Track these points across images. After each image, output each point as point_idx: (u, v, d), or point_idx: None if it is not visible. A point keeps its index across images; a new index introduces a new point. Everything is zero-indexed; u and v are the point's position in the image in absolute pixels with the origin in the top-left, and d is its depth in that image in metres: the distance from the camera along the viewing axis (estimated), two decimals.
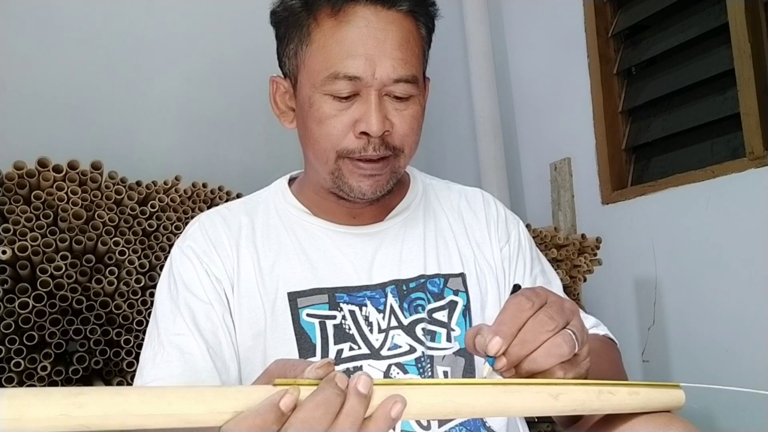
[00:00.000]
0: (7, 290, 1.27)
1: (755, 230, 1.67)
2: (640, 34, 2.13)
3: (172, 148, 1.92)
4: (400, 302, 0.85)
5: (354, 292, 0.84)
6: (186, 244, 0.85)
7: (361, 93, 0.78)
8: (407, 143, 0.82)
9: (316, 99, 0.79)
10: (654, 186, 1.95)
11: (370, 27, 0.77)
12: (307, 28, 0.80)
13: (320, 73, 0.79)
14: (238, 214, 0.88)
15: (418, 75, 0.81)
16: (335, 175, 0.81)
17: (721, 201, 1.75)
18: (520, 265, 0.93)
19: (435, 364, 0.83)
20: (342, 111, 0.79)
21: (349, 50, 0.77)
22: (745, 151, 1.70)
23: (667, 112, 2.00)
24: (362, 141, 0.79)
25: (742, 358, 1.67)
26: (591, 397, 0.56)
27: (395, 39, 0.78)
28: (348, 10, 0.77)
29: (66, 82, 1.83)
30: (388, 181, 0.83)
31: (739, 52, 1.71)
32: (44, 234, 1.31)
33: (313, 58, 0.80)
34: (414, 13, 0.81)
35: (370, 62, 0.77)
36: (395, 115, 0.80)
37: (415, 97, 0.82)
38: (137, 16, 1.97)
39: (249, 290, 0.82)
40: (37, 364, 1.24)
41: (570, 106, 2.25)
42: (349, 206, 0.87)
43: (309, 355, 0.80)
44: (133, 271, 1.38)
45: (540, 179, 2.37)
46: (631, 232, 2.01)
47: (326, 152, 0.80)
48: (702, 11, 1.89)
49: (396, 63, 0.78)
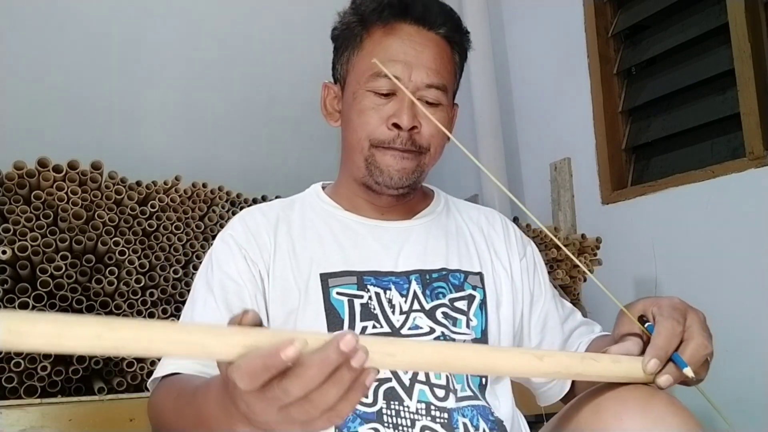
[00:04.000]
0: (7, 290, 1.27)
1: (755, 230, 1.67)
2: (640, 34, 2.13)
3: (172, 148, 1.92)
4: (423, 289, 0.92)
5: (380, 276, 0.92)
6: (227, 233, 0.94)
7: (398, 93, 0.91)
8: (433, 143, 0.94)
9: (359, 94, 0.93)
10: (654, 186, 1.95)
11: (412, 41, 0.92)
12: (360, 38, 0.95)
13: (366, 72, 0.92)
14: (275, 209, 0.98)
15: (448, 86, 0.95)
16: (368, 161, 0.93)
17: (721, 201, 1.75)
18: (537, 284, 1.02)
19: None
20: (380, 106, 0.92)
21: (392, 56, 0.91)
22: (745, 151, 1.70)
23: (667, 112, 2.00)
24: (393, 133, 0.91)
25: (742, 358, 1.67)
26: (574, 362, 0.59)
27: (431, 54, 0.93)
28: (395, 26, 0.93)
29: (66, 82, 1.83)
30: (413, 172, 0.93)
31: (739, 52, 1.71)
32: (44, 234, 1.31)
33: (361, 61, 0.94)
34: (450, 38, 0.96)
35: (407, 67, 0.91)
36: (424, 117, 0.92)
37: (444, 106, 0.94)
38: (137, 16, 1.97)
39: (284, 273, 0.90)
40: (37, 364, 1.24)
41: (570, 106, 2.25)
42: (377, 203, 0.97)
43: (337, 329, 0.87)
44: (133, 271, 1.37)
45: (540, 179, 2.37)
46: (631, 232, 2.01)
47: (361, 141, 0.92)
48: (702, 11, 1.89)
49: (430, 71, 0.92)
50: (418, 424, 0.84)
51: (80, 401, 1.21)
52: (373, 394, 0.85)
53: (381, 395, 0.85)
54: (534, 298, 1.00)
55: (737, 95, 1.72)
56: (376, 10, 0.93)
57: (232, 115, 2.07)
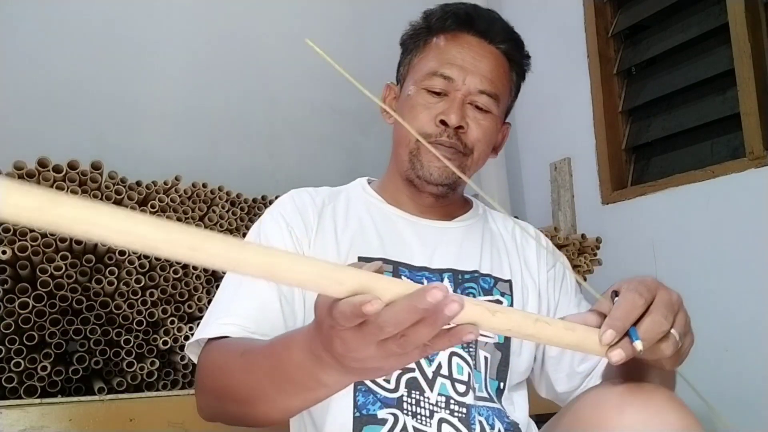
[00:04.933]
0: (7, 290, 1.27)
1: (755, 230, 1.67)
2: (640, 34, 2.13)
3: (172, 148, 1.92)
4: (455, 288, 0.94)
5: (415, 270, 0.94)
6: (276, 210, 0.98)
7: (450, 94, 0.96)
8: (477, 147, 0.97)
9: (413, 91, 0.98)
10: (654, 186, 1.95)
11: (471, 50, 0.98)
12: (423, 42, 1.01)
13: (423, 71, 0.98)
14: (323, 194, 1.02)
15: (501, 98, 0.99)
16: (413, 154, 0.97)
17: (721, 201, 1.75)
18: (564, 294, 1.04)
19: (478, 347, 0.93)
20: (431, 104, 0.96)
21: (450, 59, 0.97)
22: (745, 151, 1.70)
23: (667, 112, 2.00)
24: (440, 129, 0.95)
25: (741, 357, 1.67)
26: (527, 323, 0.58)
27: (489, 64, 0.98)
28: (458, 36, 0.99)
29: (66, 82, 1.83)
30: (453, 172, 0.95)
31: (739, 52, 1.71)
32: (44, 234, 1.31)
33: (421, 62, 1.00)
34: (509, 55, 1.01)
35: (463, 71, 0.96)
36: (473, 120, 0.97)
37: (493, 115, 0.98)
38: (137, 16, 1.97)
39: (324, 252, 0.93)
40: (37, 364, 1.24)
41: (570, 106, 2.25)
42: (419, 201, 1.01)
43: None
44: (133, 271, 1.37)
45: (540, 179, 2.37)
46: (631, 232, 2.01)
47: (409, 135, 0.96)
48: (702, 11, 1.89)
49: (484, 79, 0.96)
50: (437, 416, 0.86)
51: (80, 401, 1.21)
52: (395, 381, 0.87)
53: (403, 383, 0.87)
54: (558, 308, 1.02)
55: (737, 95, 1.72)
56: (443, 19, 1.00)
57: (232, 116, 2.07)
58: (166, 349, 1.38)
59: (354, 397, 0.87)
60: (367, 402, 0.86)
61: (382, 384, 0.88)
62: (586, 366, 0.98)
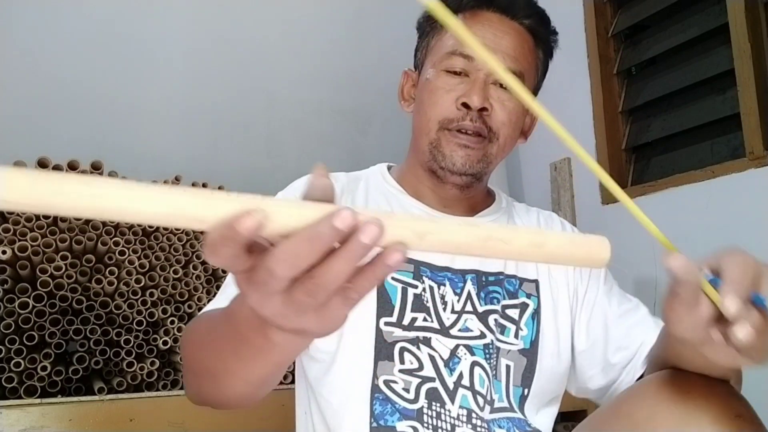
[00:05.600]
0: (7, 290, 1.27)
1: (755, 230, 1.66)
2: (640, 34, 2.13)
3: (172, 148, 1.91)
4: (478, 291, 0.90)
5: (437, 270, 0.89)
6: (290, 193, 0.92)
7: (471, 75, 0.90)
8: (503, 132, 0.91)
9: (432, 74, 0.92)
10: (654, 186, 1.95)
11: (493, 27, 0.91)
12: (440, 25, 0.93)
13: (441, 52, 0.92)
14: (341, 182, 0.96)
15: (526, 76, 0.92)
16: (433, 145, 0.91)
17: (721, 201, 1.75)
18: (593, 278, 0.97)
19: (500, 355, 0.88)
20: (451, 87, 0.90)
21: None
22: (745, 151, 1.70)
23: (667, 112, 2.00)
24: (461, 112, 0.89)
25: None
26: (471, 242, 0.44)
27: (512, 41, 0.91)
28: (478, 14, 0.92)
29: (66, 82, 1.83)
30: (479, 161, 0.90)
31: (739, 52, 1.71)
32: (44, 234, 1.31)
33: (439, 43, 0.93)
34: (534, 31, 0.94)
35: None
36: (497, 101, 0.90)
37: None
38: (137, 16, 1.97)
39: None
40: (37, 364, 1.24)
41: (570, 106, 2.24)
42: (442, 194, 0.95)
43: (386, 314, 0.85)
44: (133, 271, 1.37)
45: (540, 179, 2.37)
46: (631, 232, 2.00)
47: (429, 121, 0.90)
48: (702, 11, 1.89)
49: (507, 57, 0.90)
50: (458, 430, 0.82)
51: (80, 401, 1.21)
52: (414, 392, 0.83)
53: (423, 394, 0.83)
54: (587, 294, 0.96)
55: (737, 95, 1.72)
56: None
57: (232, 115, 2.07)
58: (166, 349, 1.38)
59: (371, 405, 0.83)
60: (385, 412, 0.82)
61: (401, 393, 0.83)
62: (622, 355, 0.90)
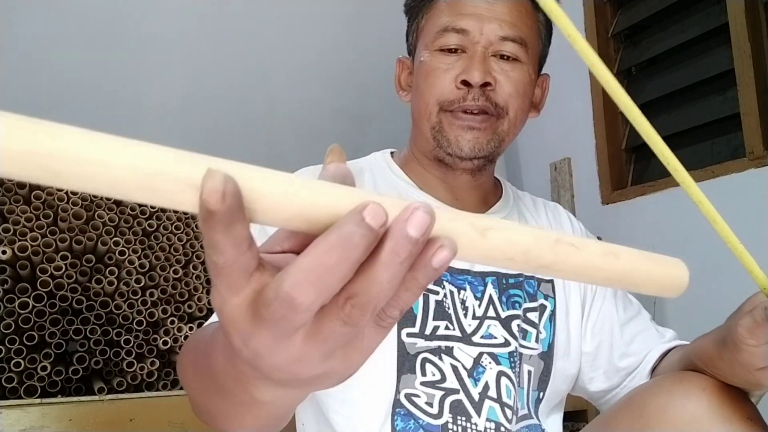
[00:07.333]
0: (7, 290, 1.27)
1: (755, 230, 1.66)
2: (640, 34, 2.13)
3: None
4: (499, 294, 0.85)
5: (456, 273, 0.84)
6: None
7: (468, 50, 0.83)
8: (511, 105, 0.84)
9: (426, 56, 0.85)
10: (654, 186, 1.95)
11: None
12: (429, 2, 0.87)
13: (433, 31, 0.85)
14: None
15: (528, 42, 0.84)
16: (436, 129, 0.84)
17: (721, 201, 1.74)
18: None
19: (522, 362, 0.84)
20: (449, 66, 0.83)
21: (461, 10, 0.83)
22: (745, 151, 1.70)
23: (667, 112, 2.00)
24: (462, 91, 0.82)
25: None
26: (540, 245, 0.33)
27: (506, 6, 0.83)
28: None
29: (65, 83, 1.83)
30: (488, 141, 0.84)
31: (739, 52, 1.71)
32: (44, 234, 1.31)
33: (429, 22, 0.87)
34: None
35: (478, 19, 0.82)
36: (500, 73, 0.83)
37: (524, 64, 0.84)
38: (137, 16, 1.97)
39: None
40: (37, 364, 1.24)
41: (570, 106, 2.24)
42: (451, 182, 0.89)
43: (409, 325, 0.80)
44: (133, 271, 1.37)
45: (540, 179, 2.37)
46: (631, 232, 2.01)
47: (429, 105, 0.84)
48: (702, 11, 1.89)
49: (503, 23, 0.82)
50: None
51: (80, 401, 1.21)
52: (438, 405, 0.79)
53: (447, 408, 0.79)
54: (595, 298, 0.93)
55: (737, 95, 1.72)
56: None
57: (232, 116, 2.07)
58: (166, 349, 1.38)
59: (392, 421, 0.78)
60: (407, 428, 0.78)
61: (423, 408, 0.79)
62: (629, 361, 0.88)
